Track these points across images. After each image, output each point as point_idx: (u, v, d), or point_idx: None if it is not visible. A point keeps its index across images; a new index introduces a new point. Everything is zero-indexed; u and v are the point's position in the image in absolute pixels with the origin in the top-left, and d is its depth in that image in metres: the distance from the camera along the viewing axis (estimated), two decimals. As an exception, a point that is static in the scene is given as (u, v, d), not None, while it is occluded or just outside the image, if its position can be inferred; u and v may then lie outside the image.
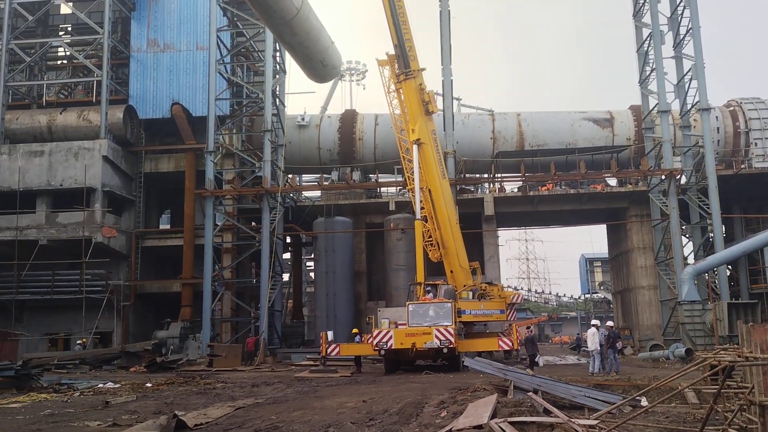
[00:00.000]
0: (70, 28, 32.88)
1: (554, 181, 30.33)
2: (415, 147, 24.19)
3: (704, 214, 28.40)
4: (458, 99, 52.97)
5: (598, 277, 66.30)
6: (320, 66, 25.59)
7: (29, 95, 30.88)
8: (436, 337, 19.10)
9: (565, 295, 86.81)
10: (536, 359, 19.57)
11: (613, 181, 32.77)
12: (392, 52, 24.94)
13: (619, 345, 21.01)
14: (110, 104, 28.68)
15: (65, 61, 32.81)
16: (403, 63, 24.47)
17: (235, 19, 30.41)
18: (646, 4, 30.01)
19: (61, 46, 31.94)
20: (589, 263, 67.59)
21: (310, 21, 23.07)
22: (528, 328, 24.07)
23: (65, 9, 31.99)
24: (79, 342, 26.22)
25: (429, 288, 22.56)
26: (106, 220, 27.68)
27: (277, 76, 31.37)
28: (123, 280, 28.56)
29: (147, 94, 29.93)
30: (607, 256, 41.73)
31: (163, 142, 30.51)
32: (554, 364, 24.98)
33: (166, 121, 29.79)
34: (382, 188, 33.69)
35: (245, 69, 33.02)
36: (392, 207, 31.00)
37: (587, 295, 72.95)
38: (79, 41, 31.20)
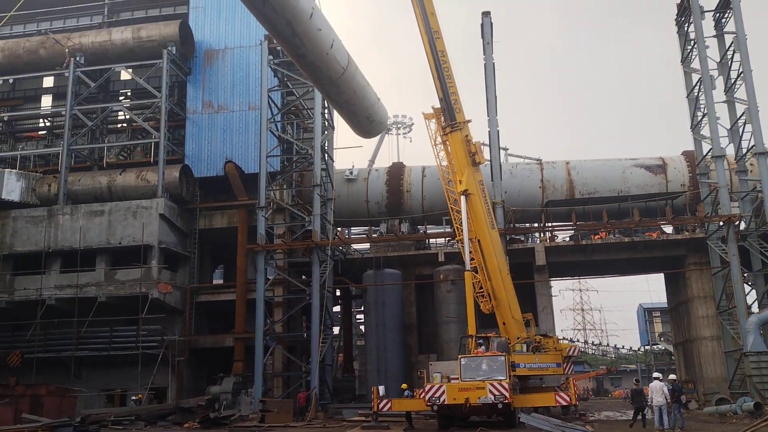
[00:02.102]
0: (129, 93, 34.56)
1: (607, 229, 29.72)
2: (462, 198, 24.16)
3: (766, 260, 27.29)
4: (505, 149, 53.06)
5: (658, 327, 64.01)
6: (367, 122, 26.14)
7: (91, 157, 32.28)
8: (490, 391, 18.62)
9: (623, 346, 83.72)
10: (644, 412, 19.10)
11: (668, 229, 31.91)
12: (438, 105, 25.25)
13: (683, 399, 20.11)
14: (167, 164, 29.72)
15: (125, 124, 34.31)
16: (448, 115, 24.70)
17: (285, 79, 31.43)
18: (694, 49, 29.75)
19: (121, 110, 33.49)
20: (647, 313, 65.43)
21: (356, 79, 23.70)
22: (636, 380, 23.21)
23: (125, 75, 33.66)
24: (134, 398, 26.55)
25: (481, 341, 22.14)
26: (162, 277, 28.33)
27: (326, 132, 32.09)
28: (178, 335, 29.00)
29: (202, 153, 30.97)
30: (666, 305, 40.31)
31: (217, 199, 31.33)
32: (615, 420, 24.00)
33: (220, 178, 30.64)
34: (430, 240, 33.61)
35: (295, 126, 33.90)
36: (441, 258, 30.83)
37: (647, 347, 70.31)
38: (138, 105, 32.69)
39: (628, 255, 31.51)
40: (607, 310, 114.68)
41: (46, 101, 35.43)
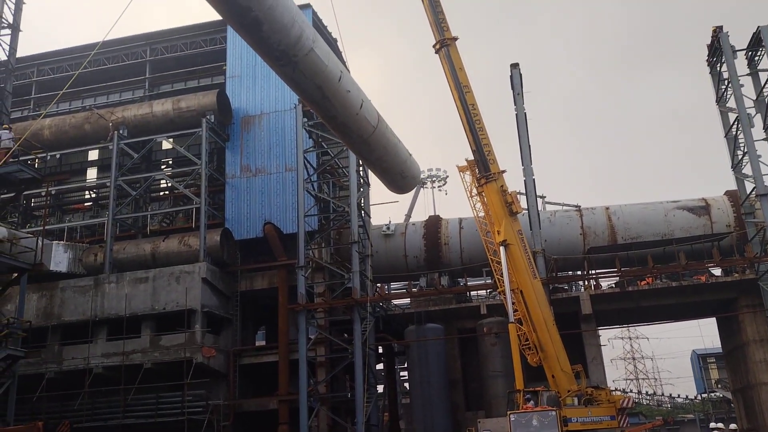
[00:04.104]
0: (170, 162, 35.56)
1: (653, 274, 29.02)
2: (502, 248, 23.98)
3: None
4: (542, 197, 52.74)
5: (714, 374, 61.34)
6: (400, 178, 26.36)
7: (135, 226, 33.06)
8: (543, 448, 17.99)
9: (679, 395, 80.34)
10: None
11: (717, 271, 30.99)
12: (471, 157, 25.40)
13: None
14: (208, 228, 30.24)
15: (167, 192, 35.21)
16: (482, 167, 24.79)
17: (320, 139, 32.06)
18: (729, 89, 29.51)
19: (163, 179, 34.43)
20: (701, 360, 62.91)
21: (386, 137, 24.04)
22: None
23: (166, 144, 34.76)
24: (181, 464, 26.34)
25: (529, 395, 21.57)
26: (205, 341, 28.46)
27: (361, 189, 32.41)
28: (222, 399, 28.88)
29: (241, 216, 31.49)
30: (721, 350, 38.80)
31: (257, 261, 31.63)
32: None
33: (260, 240, 31.02)
34: (471, 292, 33.26)
35: (331, 185, 34.33)
36: (484, 311, 30.37)
37: (704, 395, 67.33)
38: (179, 173, 33.60)
39: (676, 300, 30.59)
40: (659, 358, 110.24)
41: (92, 174, 36.65)
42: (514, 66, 31.52)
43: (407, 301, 34.71)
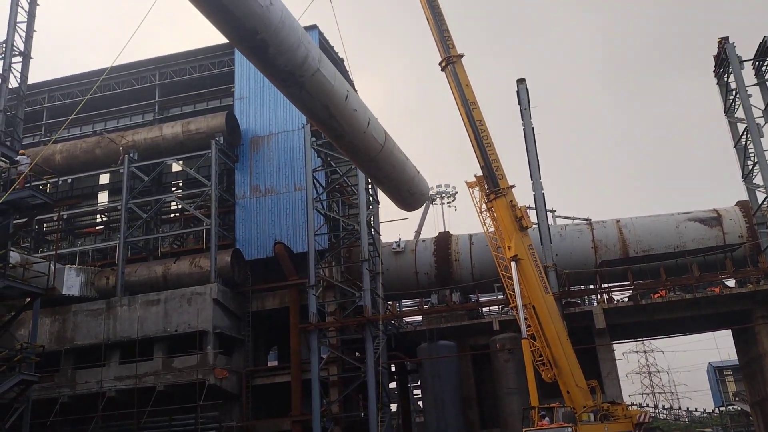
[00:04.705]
0: (180, 184, 35.78)
1: (666, 287, 28.78)
2: (513, 264, 23.88)
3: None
4: (552, 211, 52.54)
5: (731, 386, 60.57)
6: (408, 195, 26.40)
7: (146, 248, 33.22)
8: (559, 465, 17.77)
9: (696, 409, 79.25)
10: None
11: (731, 283, 30.69)
12: (479, 172, 25.40)
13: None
14: (219, 249, 30.32)
15: (177, 214, 35.39)
16: (491, 182, 24.77)
17: (328, 158, 32.18)
18: (737, 99, 29.44)
19: (173, 201, 34.62)
20: (718, 372, 62.16)
21: (393, 155, 24.13)
22: None
23: (176, 167, 34.99)
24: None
25: (544, 412, 21.35)
26: (217, 362, 28.41)
27: (371, 207, 32.46)
28: (235, 421, 28.76)
29: (251, 236, 31.57)
30: (737, 362, 38.31)
31: (268, 281, 31.65)
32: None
33: (270, 260, 31.05)
34: (483, 308, 33.09)
35: (340, 203, 34.41)
36: (496, 327, 30.18)
37: (721, 408, 66.41)
38: (189, 194, 33.78)
39: (691, 312, 30.27)
40: (675, 371, 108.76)
41: (103, 197, 36.91)
42: (521, 81, 31.64)
43: (419, 318, 34.56)
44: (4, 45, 26.87)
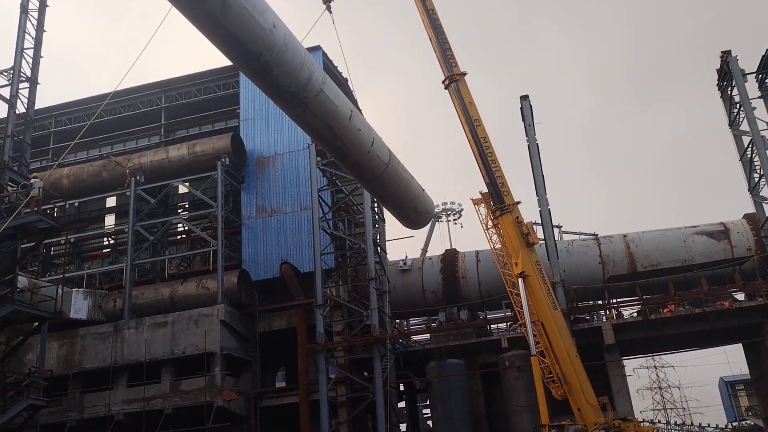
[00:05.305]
0: (187, 205, 35.92)
1: (675, 301, 28.61)
2: (520, 280, 23.80)
3: None
4: (559, 226, 52.36)
5: (744, 401, 59.96)
6: (413, 213, 26.41)
7: (153, 270, 33.26)
8: (572, 484, 17.57)
9: (709, 425, 78.12)
10: None
11: (740, 296, 30.47)
12: (485, 189, 25.41)
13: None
14: (225, 270, 30.34)
15: (184, 235, 35.49)
16: (497, 199, 24.76)
17: (334, 178, 32.28)
18: (741, 112, 29.45)
19: (180, 223, 34.73)
20: (730, 387, 61.52)
21: (398, 173, 24.18)
22: None
23: (182, 189, 35.15)
24: None
25: (555, 430, 21.15)
26: (225, 384, 28.30)
27: (377, 226, 32.46)
28: (243, 443, 28.59)
29: (258, 256, 31.59)
30: (749, 377, 37.91)
31: (275, 301, 31.62)
32: None
33: (277, 280, 31.04)
34: (491, 325, 32.92)
35: (346, 222, 34.46)
36: (505, 344, 29.98)
37: (734, 423, 65.59)
38: (196, 216, 33.90)
39: (701, 327, 30.02)
40: (687, 387, 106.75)
41: (110, 220, 37.08)
42: (524, 98, 31.73)
43: (427, 336, 34.40)
44: (12, 71, 27.17)
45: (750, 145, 29.13)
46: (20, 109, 27.51)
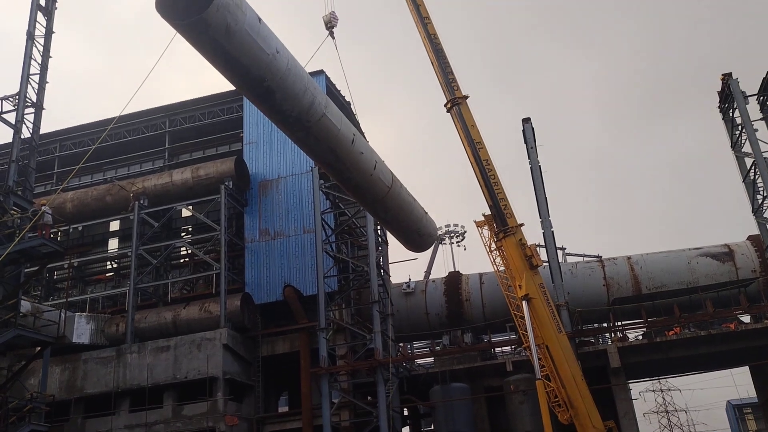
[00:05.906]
0: (190, 229, 35.96)
1: (681, 324, 28.40)
2: (524, 303, 23.69)
3: None
4: (562, 249, 52.31)
5: (751, 425, 59.22)
6: (416, 236, 26.43)
7: (156, 294, 33.20)
8: None
9: (717, 449, 77.18)
10: None
11: (746, 318, 30.24)
12: (488, 211, 25.41)
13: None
14: (228, 294, 30.26)
15: (187, 259, 35.47)
16: (500, 221, 24.76)
17: (337, 200, 32.33)
18: (743, 134, 29.51)
19: (183, 246, 34.73)
20: (737, 410, 60.83)
21: (401, 196, 24.25)
22: None
23: (186, 212, 35.23)
24: None
25: (562, 455, 20.89)
26: (227, 409, 28.06)
27: (380, 248, 32.41)
28: (247, 470, 28.27)
29: (261, 280, 31.52)
30: (756, 399, 37.50)
31: (278, 324, 31.47)
32: None
33: (280, 303, 30.94)
34: (496, 349, 32.70)
35: (349, 245, 34.41)
36: (509, 368, 29.74)
37: (743, 447, 64.72)
38: (199, 239, 33.92)
39: (707, 349, 29.74)
40: (694, 410, 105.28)
41: (113, 244, 37.10)
42: (526, 121, 31.87)
43: (431, 360, 34.17)
44: (17, 97, 27.39)
45: (753, 167, 29.11)
46: (25, 134, 27.69)
